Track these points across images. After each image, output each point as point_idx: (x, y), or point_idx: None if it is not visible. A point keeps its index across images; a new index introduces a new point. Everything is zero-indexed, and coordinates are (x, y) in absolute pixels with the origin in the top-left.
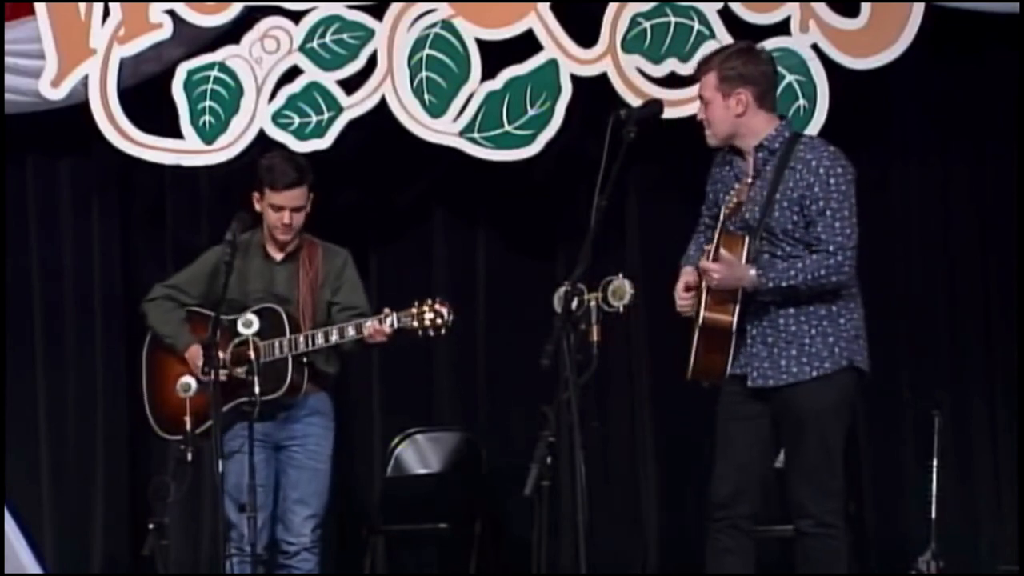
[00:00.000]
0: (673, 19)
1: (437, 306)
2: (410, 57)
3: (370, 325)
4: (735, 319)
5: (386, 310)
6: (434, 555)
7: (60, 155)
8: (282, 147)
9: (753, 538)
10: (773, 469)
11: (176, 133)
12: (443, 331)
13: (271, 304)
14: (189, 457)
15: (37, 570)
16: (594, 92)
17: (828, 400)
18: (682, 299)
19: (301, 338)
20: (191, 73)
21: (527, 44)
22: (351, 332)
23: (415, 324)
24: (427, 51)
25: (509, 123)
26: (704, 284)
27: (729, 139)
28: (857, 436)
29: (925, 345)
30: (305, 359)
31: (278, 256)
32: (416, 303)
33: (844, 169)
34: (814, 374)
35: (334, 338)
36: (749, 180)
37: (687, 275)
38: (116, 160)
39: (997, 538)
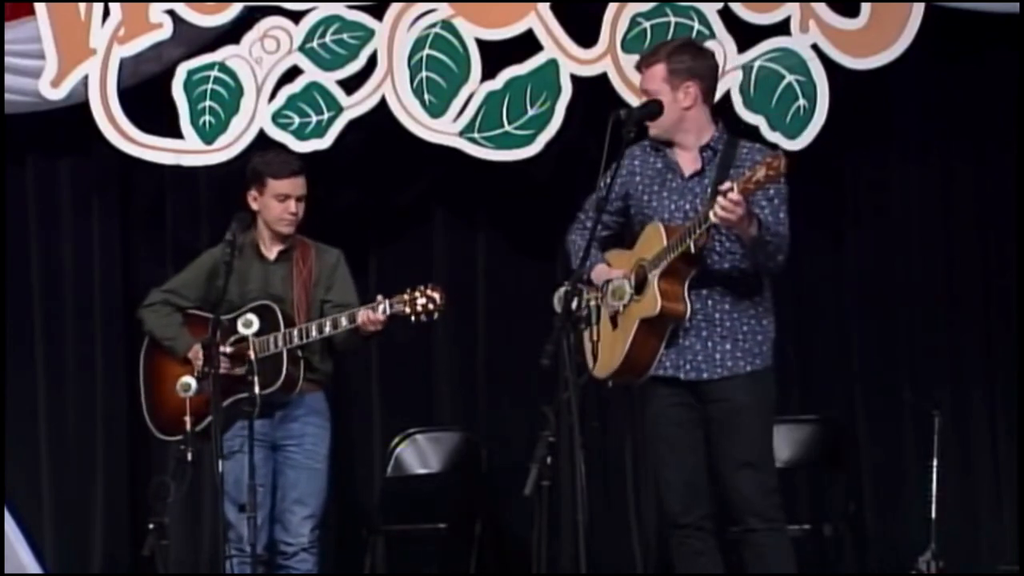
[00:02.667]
0: (673, 19)
1: (429, 291)
2: (410, 57)
3: (363, 314)
4: (689, 308)
5: (379, 297)
6: (434, 555)
7: (60, 155)
8: (282, 147)
9: (715, 537)
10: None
11: (176, 133)
12: (435, 315)
13: (266, 301)
14: (189, 457)
15: (37, 570)
16: (594, 92)
17: (762, 396)
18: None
19: (295, 331)
20: (191, 73)
21: (527, 44)
22: (344, 322)
23: (407, 310)
24: (427, 51)
25: (509, 123)
26: (654, 275)
27: (671, 132)
28: (857, 436)
29: (925, 345)
30: (300, 353)
31: (272, 256)
32: (408, 289)
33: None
34: (748, 369)
35: (328, 329)
36: (779, 152)
37: (607, 272)
38: (116, 160)
39: (997, 538)
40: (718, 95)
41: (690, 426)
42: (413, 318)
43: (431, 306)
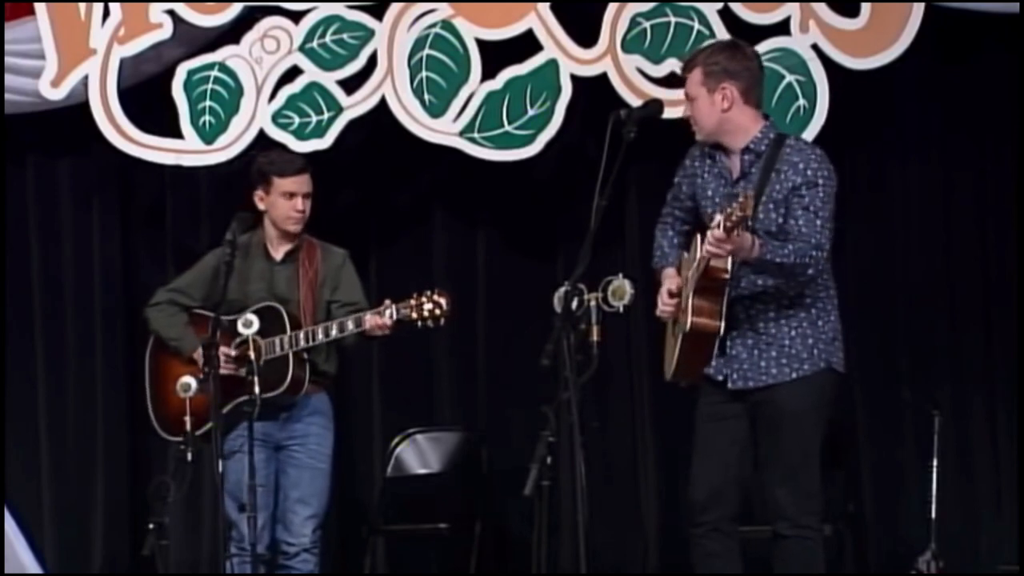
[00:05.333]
0: (673, 19)
1: (436, 296)
2: (410, 57)
3: (370, 319)
4: (722, 324)
5: (386, 302)
6: (434, 555)
7: (60, 155)
8: (281, 147)
9: (737, 539)
10: (752, 470)
11: (176, 133)
12: (442, 321)
13: (271, 303)
14: (189, 457)
15: (37, 570)
16: (594, 92)
17: (807, 401)
18: (666, 304)
19: (301, 334)
20: (191, 73)
21: (527, 44)
22: (350, 326)
23: (414, 315)
24: (427, 51)
25: (509, 123)
26: (689, 290)
27: (715, 135)
28: (857, 436)
29: (925, 345)
30: (305, 355)
31: (279, 256)
32: (415, 294)
33: (830, 173)
34: (793, 375)
35: (334, 333)
36: (748, 192)
37: (670, 279)
38: (116, 160)
39: (997, 538)
40: None
41: (729, 426)
42: (419, 323)
43: (438, 311)
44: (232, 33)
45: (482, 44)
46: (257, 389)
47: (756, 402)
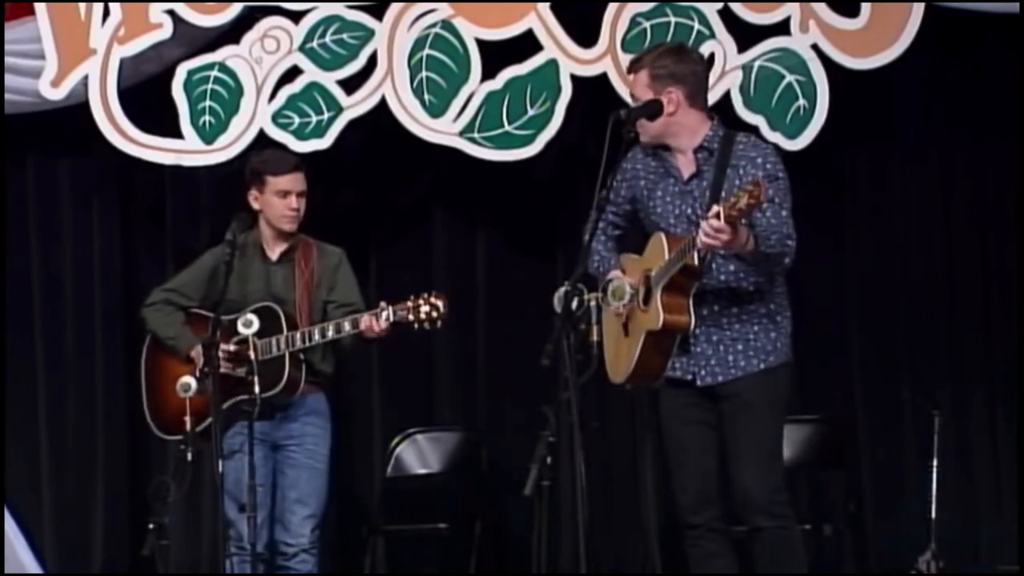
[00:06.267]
0: (673, 19)
1: (433, 299)
2: (410, 57)
3: (366, 321)
4: (692, 320)
5: (382, 304)
6: (434, 555)
7: (60, 155)
8: (281, 147)
9: (731, 536)
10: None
11: (176, 133)
12: (439, 323)
13: (268, 303)
14: (189, 457)
15: (37, 570)
16: (594, 92)
17: (775, 393)
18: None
19: (298, 335)
20: (191, 73)
21: (527, 44)
22: (347, 327)
23: (411, 318)
24: (427, 51)
25: (509, 123)
26: (657, 287)
27: (660, 137)
28: (857, 436)
29: (925, 345)
30: (302, 356)
31: (275, 256)
32: (412, 296)
33: (784, 170)
34: (761, 367)
35: (331, 334)
36: (759, 177)
37: (622, 279)
38: (116, 160)
39: (997, 538)
40: (718, 95)
41: (703, 427)
42: (416, 326)
43: (435, 314)
44: (232, 33)
45: (482, 44)
46: (257, 389)
47: (723, 396)
